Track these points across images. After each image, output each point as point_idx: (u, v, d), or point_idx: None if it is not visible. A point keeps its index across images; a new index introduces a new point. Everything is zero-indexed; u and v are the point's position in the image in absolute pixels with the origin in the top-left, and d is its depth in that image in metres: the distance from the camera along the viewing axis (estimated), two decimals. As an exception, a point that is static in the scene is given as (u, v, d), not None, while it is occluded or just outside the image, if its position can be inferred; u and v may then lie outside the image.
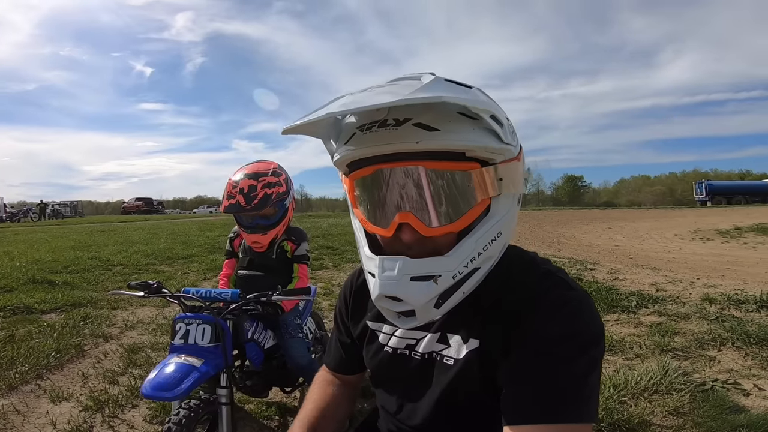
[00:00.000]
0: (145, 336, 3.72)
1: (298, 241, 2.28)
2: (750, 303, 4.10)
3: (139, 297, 1.76)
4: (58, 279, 6.08)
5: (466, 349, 0.71)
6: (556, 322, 0.64)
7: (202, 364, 1.55)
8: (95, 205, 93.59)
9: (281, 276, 2.18)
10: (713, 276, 5.87)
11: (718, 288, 4.96)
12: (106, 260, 8.10)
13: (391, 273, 0.63)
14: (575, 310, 0.66)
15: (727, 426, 2.03)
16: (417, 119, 0.59)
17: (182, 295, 1.77)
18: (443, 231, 0.63)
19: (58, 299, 4.88)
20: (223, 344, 1.64)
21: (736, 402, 2.29)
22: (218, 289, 1.83)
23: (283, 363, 2.19)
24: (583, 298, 0.68)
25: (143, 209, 47.37)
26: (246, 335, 1.92)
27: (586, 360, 0.63)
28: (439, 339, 0.76)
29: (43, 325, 3.96)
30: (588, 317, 0.66)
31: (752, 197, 35.35)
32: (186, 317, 1.68)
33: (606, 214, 26.37)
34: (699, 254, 8.48)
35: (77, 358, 3.20)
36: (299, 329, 2.21)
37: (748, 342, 3.06)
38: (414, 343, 0.80)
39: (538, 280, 0.70)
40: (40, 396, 2.60)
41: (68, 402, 2.51)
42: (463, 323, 0.73)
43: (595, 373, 0.64)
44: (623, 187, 73.00)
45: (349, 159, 0.67)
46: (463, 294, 0.66)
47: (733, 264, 7.06)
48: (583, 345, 0.63)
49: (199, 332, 1.64)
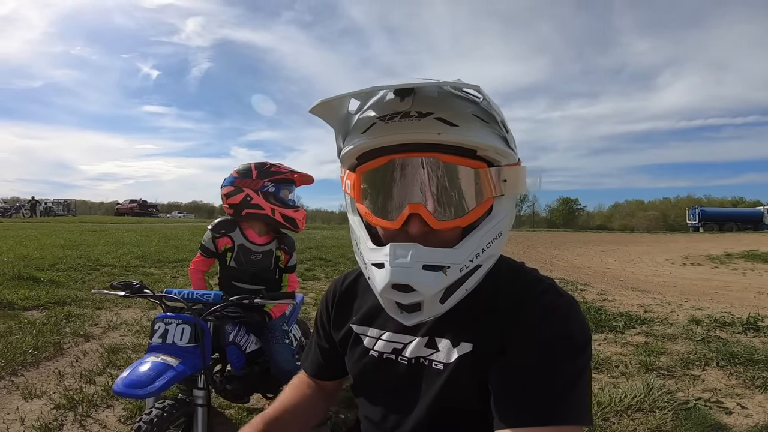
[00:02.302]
0: (127, 337, 3.67)
1: (290, 252, 2.29)
2: (736, 325, 4.12)
3: (121, 297, 1.73)
4: (44, 276, 5.99)
5: (456, 353, 0.70)
6: (548, 325, 0.65)
7: (178, 364, 1.53)
8: (89, 205, 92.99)
9: (276, 287, 2.19)
10: (701, 299, 5.90)
11: (706, 310, 4.99)
12: (94, 260, 8.02)
13: (404, 260, 0.62)
14: (567, 314, 0.66)
15: (709, 444, 2.02)
16: (438, 114, 0.62)
17: (164, 295, 1.75)
18: (452, 225, 0.64)
19: (41, 296, 4.81)
20: (202, 345, 1.62)
21: (718, 420, 2.29)
22: (201, 291, 1.81)
23: (265, 368, 2.16)
24: (572, 303, 0.69)
25: (137, 211, 47.07)
26: (227, 338, 1.90)
27: (578, 363, 0.63)
28: (427, 343, 0.74)
29: (23, 321, 3.89)
30: (578, 321, 0.67)
31: (744, 224, 35.76)
32: (166, 317, 1.67)
33: (599, 237, 26.51)
34: (688, 278, 8.54)
35: (55, 356, 3.14)
36: (285, 335, 2.18)
37: (733, 362, 3.07)
38: (401, 348, 0.77)
39: (528, 285, 0.71)
40: (12, 392, 2.55)
41: (40, 399, 2.46)
42: (451, 327, 0.72)
43: (587, 376, 0.64)
44: (617, 211, 73.57)
45: (364, 148, 0.67)
46: (465, 291, 0.66)
47: (722, 288, 7.11)
48: (575, 348, 0.64)
49: (178, 332, 1.62)
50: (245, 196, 2.11)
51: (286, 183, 2.21)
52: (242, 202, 2.11)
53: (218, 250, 2.20)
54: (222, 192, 2.16)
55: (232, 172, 2.18)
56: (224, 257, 2.21)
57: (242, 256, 2.18)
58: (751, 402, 2.53)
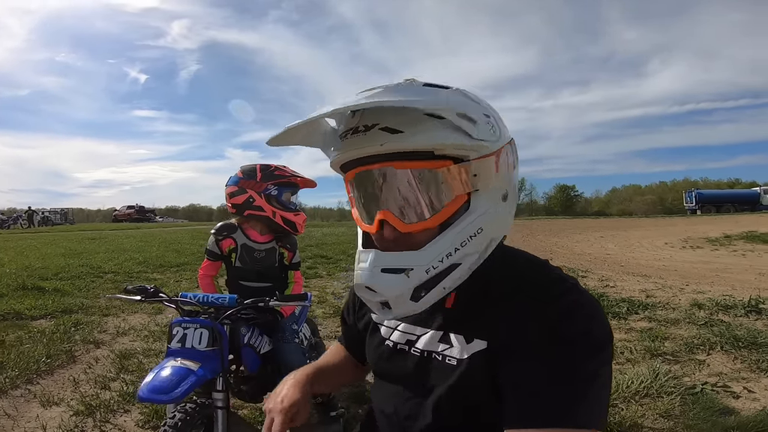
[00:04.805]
0: (137, 342, 3.70)
1: (293, 249, 2.33)
2: (738, 308, 4.17)
3: (136, 301, 1.75)
4: (48, 286, 6.03)
5: (471, 350, 0.70)
6: (568, 325, 0.63)
7: (199, 368, 1.55)
8: (86, 213, 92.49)
9: (283, 284, 2.24)
10: (702, 282, 5.95)
11: (707, 294, 5.04)
12: (97, 267, 8.05)
13: (364, 264, 0.67)
14: (588, 314, 0.65)
15: (718, 428, 2.07)
16: (384, 123, 0.62)
17: (179, 299, 1.77)
18: (419, 227, 0.65)
19: (48, 305, 4.85)
20: (221, 348, 1.65)
21: (725, 404, 2.33)
22: (215, 294, 1.84)
23: (278, 368, 2.19)
24: (594, 303, 0.67)
25: (135, 217, 46.95)
26: (242, 340, 1.93)
27: (595, 364, 0.61)
28: (441, 338, 0.74)
29: (33, 330, 3.93)
30: (599, 322, 0.65)
31: (741, 205, 35.80)
32: (183, 321, 1.68)
33: (598, 223, 26.60)
34: (689, 262, 8.59)
35: (68, 364, 3.18)
36: (295, 335, 2.21)
37: (737, 346, 3.12)
38: (414, 339, 0.78)
39: (550, 283, 0.69)
40: (30, 400, 2.58)
41: (59, 406, 2.50)
42: (466, 323, 0.72)
43: (604, 379, 0.62)
44: (615, 196, 73.58)
45: (336, 163, 0.72)
46: (444, 289, 0.66)
47: (722, 271, 7.16)
48: (593, 349, 0.62)
49: (196, 336, 1.64)
50: (248, 197, 2.15)
51: (288, 186, 2.24)
52: (245, 203, 2.15)
53: (223, 252, 2.25)
54: (226, 191, 2.19)
55: (238, 172, 2.21)
56: (229, 258, 2.26)
57: (246, 255, 2.23)
58: (758, 386, 2.57)
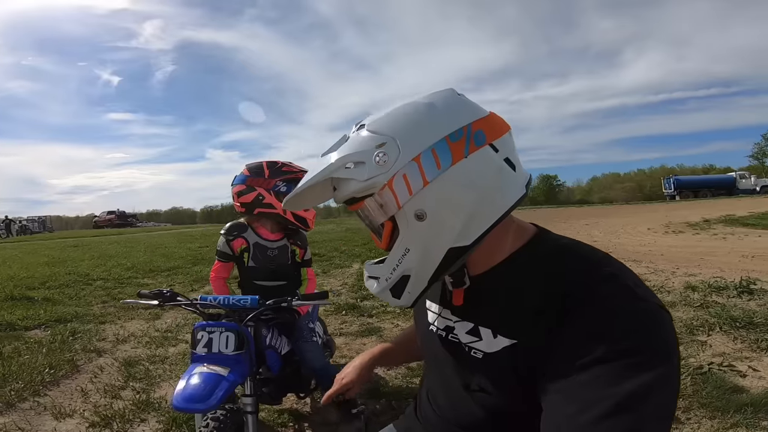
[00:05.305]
0: (139, 349, 3.64)
1: (303, 246, 2.32)
2: (730, 289, 4.31)
3: (153, 306, 1.71)
4: (37, 295, 5.88)
5: (497, 346, 0.70)
6: (609, 335, 0.57)
7: (229, 373, 1.53)
8: (64, 220, 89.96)
9: (296, 281, 2.22)
10: (690, 266, 6.11)
11: (698, 276, 5.18)
12: (84, 275, 7.86)
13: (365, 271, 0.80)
14: (634, 324, 0.57)
15: (733, 405, 2.14)
16: None
17: (199, 302, 1.74)
18: (381, 247, 0.75)
19: (40, 315, 4.74)
20: (248, 352, 1.63)
21: (734, 383, 2.40)
22: (236, 296, 1.81)
23: (297, 368, 2.19)
24: (649, 310, 0.59)
25: (116, 223, 45.93)
26: (264, 342, 1.91)
27: (638, 383, 0.52)
28: (470, 330, 0.75)
29: (29, 341, 3.83)
30: (650, 334, 0.57)
31: (717, 190, 36.92)
32: (208, 325, 1.65)
33: (582, 211, 27.05)
34: (674, 246, 8.80)
35: (72, 374, 3.11)
36: (312, 333, 2.20)
37: (735, 326, 3.22)
38: (452, 327, 0.80)
39: (597, 283, 0.63)
40: (41, 413, 2.52)
41: (72, 418, 2.44)
42: (496, 318, 0.72)
43: (650, 402, 0.52)
44: (596, 184, 74.84)
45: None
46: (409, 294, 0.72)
47: (707, 254, 7.36)
48: (638, 365, 0.54)
49: (222, 340, 1.62)
50: (257, 194, 2.12)
51: (297, 182, 2.21)
52: (254, 201, 2.12)
53: (234, 252, 2.22)
54: (233, 190, 2.16)
55: (243, 170, 2.18)
56: (242, 259, 2.23)
57: (259, 254, 2.20)
58: (761, 364, 2.65)
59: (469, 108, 0.71)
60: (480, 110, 0.71)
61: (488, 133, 0.68)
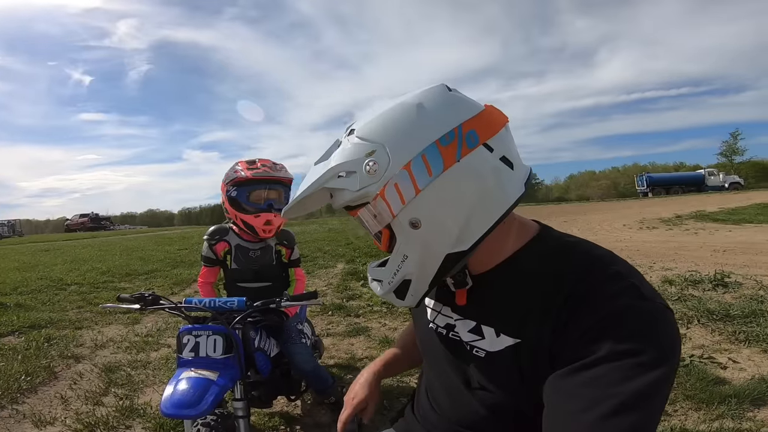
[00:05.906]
0: (119, 354, 3.53)
1: (290, 245, 2.29)
2: (705, 282, 4.44)
3: (134, 310, 1.64)
4: (9, 301, 5.69)
5: (500, 345, 0.69)
6: (614, 335, 0.56)
7: (218, 377, 1.49)
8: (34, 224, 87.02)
9: (283, 282, 2.17)
10: (666, 260, 6.28)
11: (674, 270, 5.33)
12: (57, 280, 7.63)
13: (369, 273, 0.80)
14: (640, 323, 0.57)
15: (717, 396, 2.19)
16: None
17: (184, 306, 1.68)
18: (383, 249, 0.74)
19: (13, 321, 4.59)
20: (237, 355, 1.59)
21: (716, 375, 2.46)
22: (223, 298, 1.77)
23: (287, 371, 2.15)
24: (655, 310, 0.59)
25: (89, 226, 44.58)
26: (253, 345, 1.87)
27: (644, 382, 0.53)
28: (472, 328, 0.75)
29: (3, 348, 3.70)
30: (655, 334, 0.57)
31: (688, 187, 38.16)
32: (194, 329, 1.61)
33: (560, 208, 27.60)
34: (648, 241, 9.04)
35: (50, 381, 3.01)
36: (301, 335, 2.17)
37: (712, 318, 3.32)
38: (453, 324, 0.79)
39: (601, 282, 0.63)
40: (20, 421, 2.43)
41: (53, 426, 2.36)
42: (500, 317, 0.71)
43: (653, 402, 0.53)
44: (573, 182, 76.28)
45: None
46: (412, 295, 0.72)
47: (680, 249, 7.58)
48: (643, 364, 0.54)
49: (209, 344, 1.57)
50: (222, 200, 2.14)
51: (248, 185, 2.08)
52: (222, 204, 2.14)
53: (218, 256, 2.20)
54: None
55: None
56: (225, 261, 2.21)
57: (241, 256, 2.18)
58: (740, 356, 2.72)
59: (461, 106, 0.68)
60: (473, 106, 0.68)
61: (481, 132, 0.66)
